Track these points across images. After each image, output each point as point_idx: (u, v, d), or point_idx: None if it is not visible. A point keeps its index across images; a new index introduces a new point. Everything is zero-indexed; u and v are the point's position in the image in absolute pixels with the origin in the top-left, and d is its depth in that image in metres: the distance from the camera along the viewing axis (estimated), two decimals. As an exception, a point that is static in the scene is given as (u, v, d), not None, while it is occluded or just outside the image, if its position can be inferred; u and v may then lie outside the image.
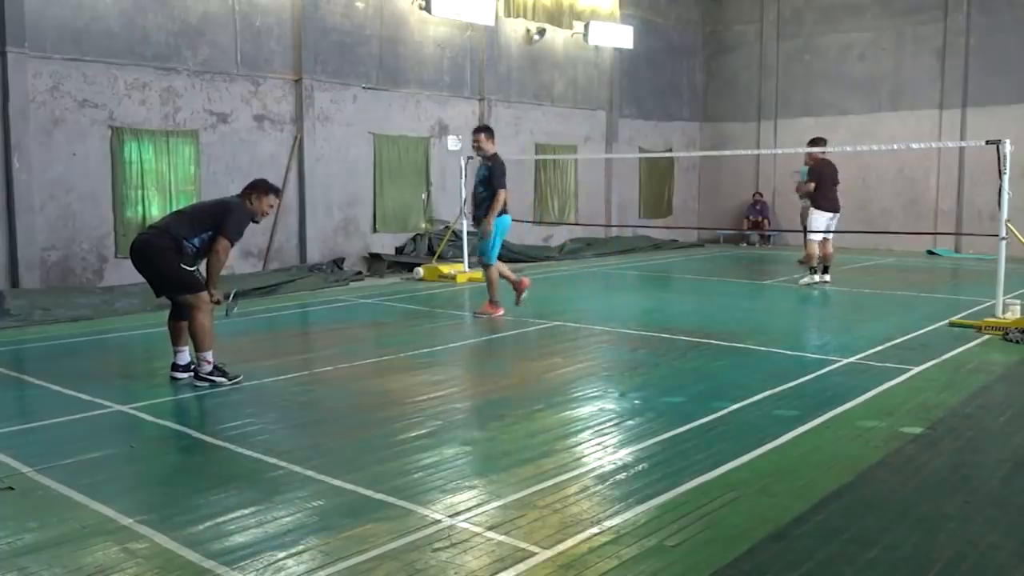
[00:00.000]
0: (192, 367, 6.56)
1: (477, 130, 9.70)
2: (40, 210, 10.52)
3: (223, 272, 12.27)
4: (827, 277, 12.45)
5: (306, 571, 3.42)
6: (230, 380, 6.49)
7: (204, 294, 6.45)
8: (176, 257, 6.35)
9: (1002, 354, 7.48)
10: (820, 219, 12.31)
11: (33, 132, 10.39)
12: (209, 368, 6.46)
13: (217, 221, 6.44)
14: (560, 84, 17.66)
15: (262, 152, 12.78)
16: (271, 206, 6.82)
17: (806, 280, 12.43)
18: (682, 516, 3.92)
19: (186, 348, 6.65)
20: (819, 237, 12.27)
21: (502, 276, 9.68)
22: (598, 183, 18.82)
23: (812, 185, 12.45)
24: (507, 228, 9.81)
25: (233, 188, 12.39)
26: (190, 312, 6.43)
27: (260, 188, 6.75)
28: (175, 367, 6.64)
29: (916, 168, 18.10)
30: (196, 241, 6.42)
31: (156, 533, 3.75)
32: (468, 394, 6.28)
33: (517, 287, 9.74)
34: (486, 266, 9.58)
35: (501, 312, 9.56)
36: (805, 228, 13.08)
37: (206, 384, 6.43)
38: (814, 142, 12.59)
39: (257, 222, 6.80)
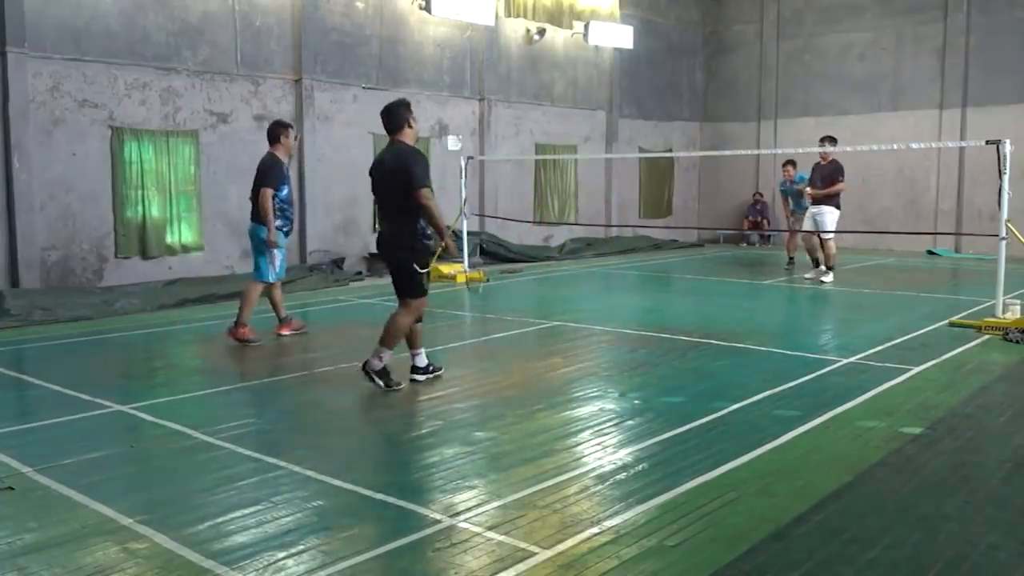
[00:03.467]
0: (373, 363, 6.30)
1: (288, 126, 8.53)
2: (40, 210, 10.51)
3: (225, 272, 12.31)
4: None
5: (306, 571, 3.42)
6: (388, 386, 6.30)
7: (423, 300, 6.39)
8: (417, 257, 6.25)
9: (1002, 354, 7.48)
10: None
11: (33, 132, 10.39)
12: (380, 366, 6.28)
13: (407, 177, 6.20)
14: (560, 84, 17.65)
15: (262, 152, 12.62)
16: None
17: (829, 279, 12.66)
18: (682, 516, 3.92)
19: (422, 350, 6.60)
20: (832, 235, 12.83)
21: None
22: (598, 183, 18.82)
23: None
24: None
25: (234, 188, 12.51)
26: (400, 308, 6.34)
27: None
28: (414, 369, 6.56)
29: (916, 168, 18.10)
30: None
31: (156, 533, 3.75)
32: (468, 394, 6.28)
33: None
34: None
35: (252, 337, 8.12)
36: (795, 229, 13.26)
37: (368, 379, 6.28)
38: (831, 140, 12.98)
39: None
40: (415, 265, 6.24)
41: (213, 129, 12.13)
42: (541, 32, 16.81)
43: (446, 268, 13.04)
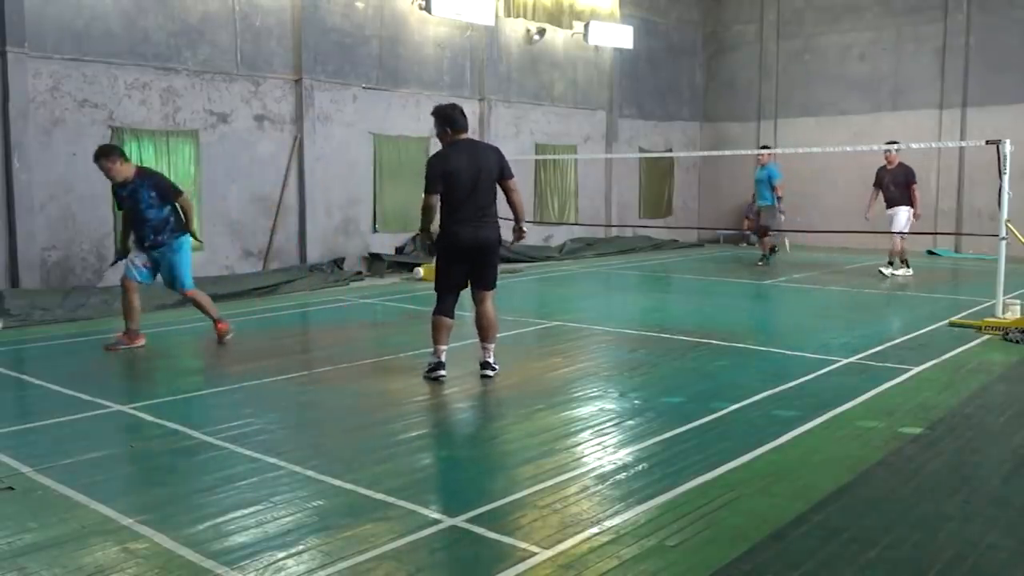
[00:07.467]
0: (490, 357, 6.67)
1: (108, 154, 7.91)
2: (40, 210, 10.51)
3: (225, 273, 12.30)
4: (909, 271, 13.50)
5: (306, 571, 3.42)
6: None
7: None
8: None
9: (1002, 354, 7.48)
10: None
11: (33, 132, 10.38)
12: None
13: (502, 168, 6.83)
14: (560, 84, 17.65)
15: (262, 152, 12.77)
16: None
17: (892, 271, 13.37)
18: (682, 516, 3.92)
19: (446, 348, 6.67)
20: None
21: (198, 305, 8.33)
22: (598, 183, 18.81)
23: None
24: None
25: (234, 188, 12.53)
26: (488, 302, 6.63)
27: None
28: (441, 366, 6.60)
29: (916, 168, 18.04)
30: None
31: (156, 533, 3.75)
32: (468, 394, 6.28)
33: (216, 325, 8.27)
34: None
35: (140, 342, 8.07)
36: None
37: (492, 373, 6.62)
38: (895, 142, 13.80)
39: None
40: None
41: (213, 129, 12.13)
42: (541, 32, 16.81)
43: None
